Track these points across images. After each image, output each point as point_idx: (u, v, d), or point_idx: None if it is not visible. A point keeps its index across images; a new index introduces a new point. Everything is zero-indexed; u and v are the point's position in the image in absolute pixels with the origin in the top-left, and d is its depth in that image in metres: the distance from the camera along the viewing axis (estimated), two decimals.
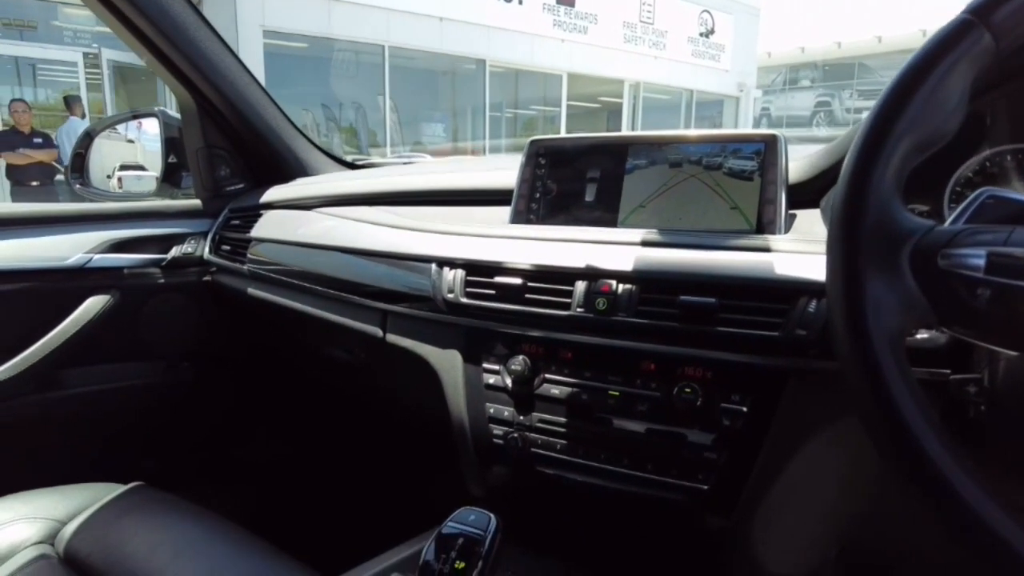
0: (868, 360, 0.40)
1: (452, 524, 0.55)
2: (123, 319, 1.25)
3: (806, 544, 0.78)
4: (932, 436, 0.39)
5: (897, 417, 0.39)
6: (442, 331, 0.91)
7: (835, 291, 0.42)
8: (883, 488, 0.73)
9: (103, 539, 0.93)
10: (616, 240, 0.80)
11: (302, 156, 1.43)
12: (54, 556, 0.92)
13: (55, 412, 1.20)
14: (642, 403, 0.75)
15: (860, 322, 0.40)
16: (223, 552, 0.88)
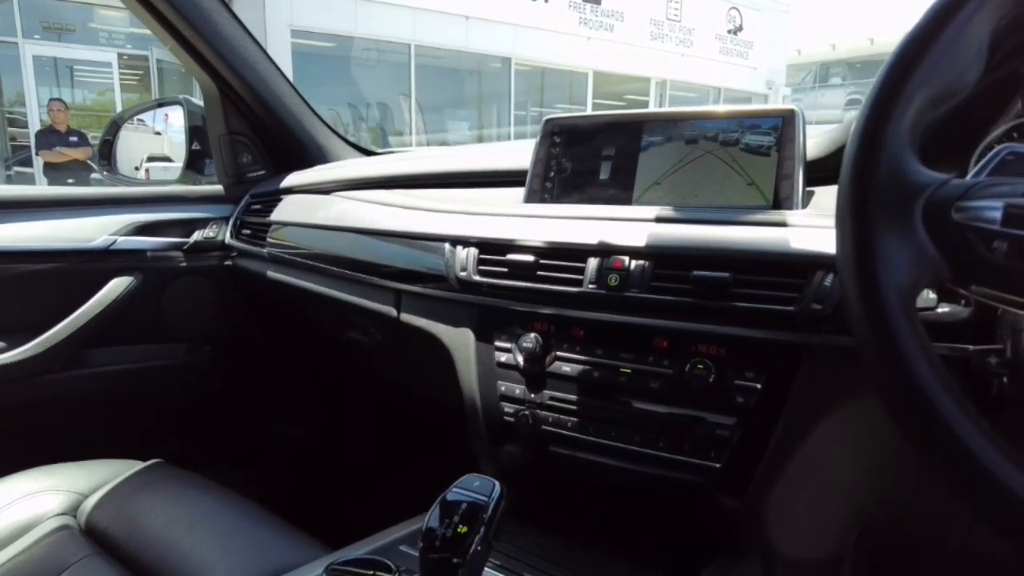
0: (877, 314, 0.39)
1: (456, 490, 0.55)
2: (146, 301, 1.28)
3: (823, 527, 0.76)
4: (944, 393, 0.37)
5: (907, 372, 0.38)
6: (455, 310, 0.91)
7: (844, 246, 0.41)
8: (902, 469, 0.71)
9: (122, 512, 0.94)
10: (629, 217, 0.79)
11: (322, 143, 1.44)
12: (75, 527, 0.94)
13: (79, 390, 1.22)
14: (654, 380, 0.74)
15: (869, 275, 0.39)
16: (236, 525, 0.89)
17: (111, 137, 1.51)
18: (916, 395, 0.38)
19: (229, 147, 1.41)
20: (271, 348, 1.47)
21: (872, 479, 0.73)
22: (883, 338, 0.39)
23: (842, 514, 0.76)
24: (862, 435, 0.69)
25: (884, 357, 0.39)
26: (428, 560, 0.52)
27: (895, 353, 0.39)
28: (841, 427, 0.68)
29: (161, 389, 1.34)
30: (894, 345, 0.39)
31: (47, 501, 0.97)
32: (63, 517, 0.96)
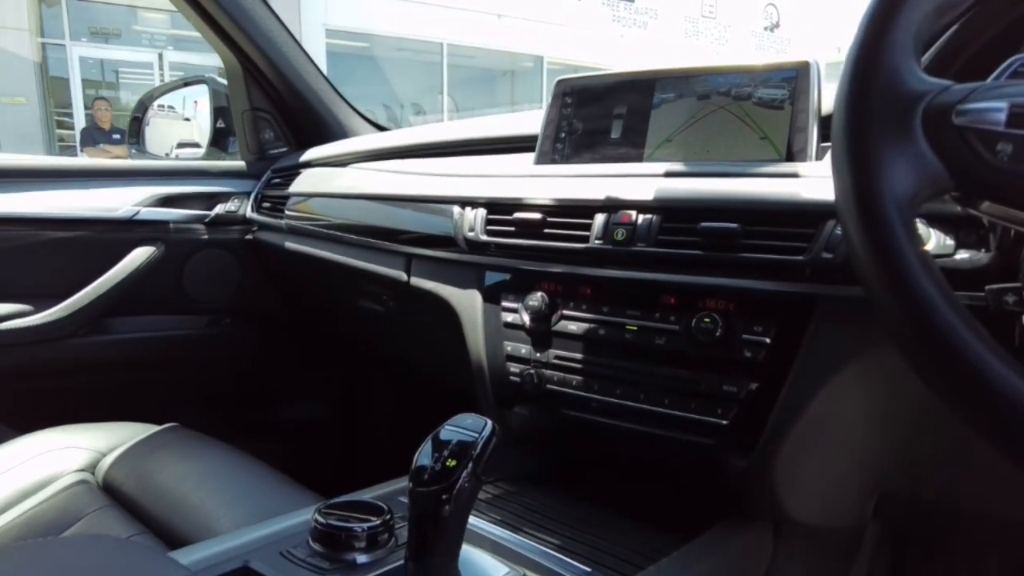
0: (874, 225, 0.37)
1: (448, 428, 0.54)
2: (167, 272, 1.30)
3: (837, 490, 0.73)
4: (944, 303, 0.35)
5: (905, 284, 0.36)
6: (463, 272, 0.90)
7: (839, 156, 0.39)
8: (919, 430, 0.69)
9: (137, 469, 0.96)
10: (638, 173, 0.78)
11: (343, 120, 1.45)
12: (93, 482, 0.97)
13: (101, 356, 1.25)
14: (660, 337, 0.73)
15: (866, 186, 0.37)
16: (244, 481, 0.90)
17: (140, 115, 1.54)
18: (915, 306, 0.36)
19: (251, 123, 1.43)
20: (291, 323, 1.49)
21: (887, 440, 0.70)
22: (880, 250, 0.37)
23: (857, 477, 0.73)
24: (875, 392, 0.67)
25: (881, 270, 0.37)
26: (417, 494, 0.52)
27: (893, 265, 0.37)
28: (852, 383, 0.65)
29: (181, 358, 1.37)
30: (892, 257, 0.37)
31: (68, 457, 1.00)
32: (82, 473, 0.99)
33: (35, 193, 1.21)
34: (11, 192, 1.19)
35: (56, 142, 9.05)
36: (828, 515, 0.75)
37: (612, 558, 0.63)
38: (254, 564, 0.54)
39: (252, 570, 0.54)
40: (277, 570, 0.53)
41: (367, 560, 0.56)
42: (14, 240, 1.17)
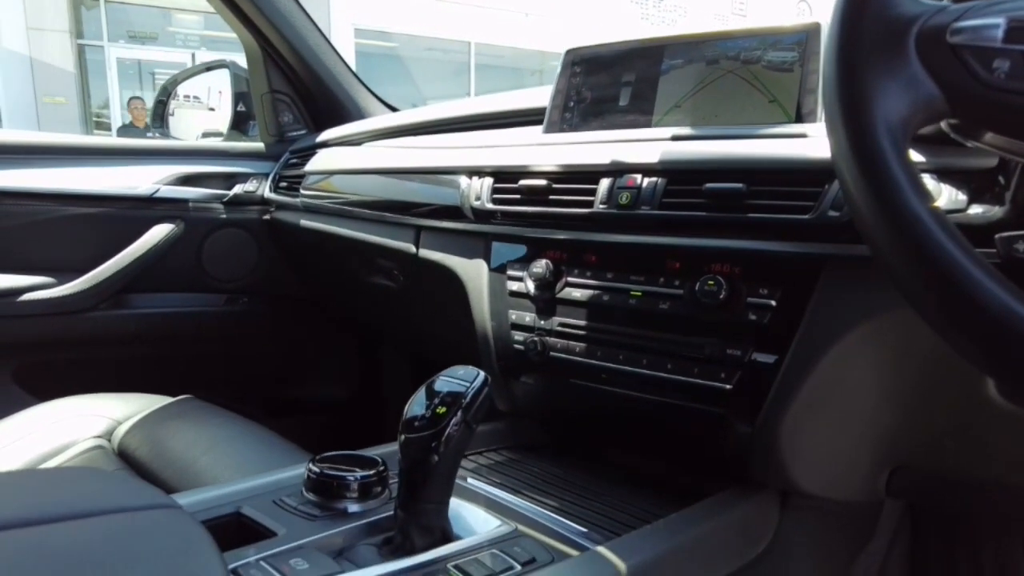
0: (864, 151, 0.36)
1: (441, 378, 0.54)
2: (187, 249, 1.32)
3: (845, 460, 0.71)
4: (937, 226, 0.34)
5: (898, 208, 0.35)
6: (470, 242, 0.90)
7: (828, 83, 0.38)
8: (931, 398, 0.66)
9: (150, 437, 0.98)
10: (644, 138, 0.77)
11: (360, 102, 1.46)
12: (109, 448, 0.99)
13: (121, 329, 1.28)
14: (664, 301, 0.71)
15: (855, 111, 0.36)
16: (254, 447, 0.91)
17: (164, 99, 1.57)
18: (907, 231, 0.34)
19: (271, 106, 1.45)
20: (307, 303, 1.50)
21: (898, 409, 0.68)
22: (871, 176, 0.36)
23: (867, 447, 0.71)
24: (883, 358, 0.65)
25: (872, 197, 0.36)
26: (407, 441, 0.52)
27: (884, 192, 0.35)
28: (859, 348, 0.63)
29: (198, 335, 1.39)
30: (883, 183, 0.35)
31: (86, 424, 1.02)
32: (99, 439, 1.01)
33: (60, 169, 1.24)
34: (37, 168, 1.22)
35: None
36: (837, 487, 0.73)
37: (609, 520, 0.63)
38: (246, 510, 0.55)
39: (244, 515, 0.55)
40: (268, 516, 0.54)
41: (359, 509, 0.56)
42: (39, 214, 1.20)
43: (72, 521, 0.36)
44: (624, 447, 0.84)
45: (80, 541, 0.34)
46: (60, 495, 0.39)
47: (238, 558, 0.46)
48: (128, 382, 1.12)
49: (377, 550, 0.52)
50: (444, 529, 0.53)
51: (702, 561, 0.59)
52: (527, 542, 0.54)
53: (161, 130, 1.58)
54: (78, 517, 0.36)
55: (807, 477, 0.70)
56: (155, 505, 0.40)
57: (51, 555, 0.32)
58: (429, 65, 10.72)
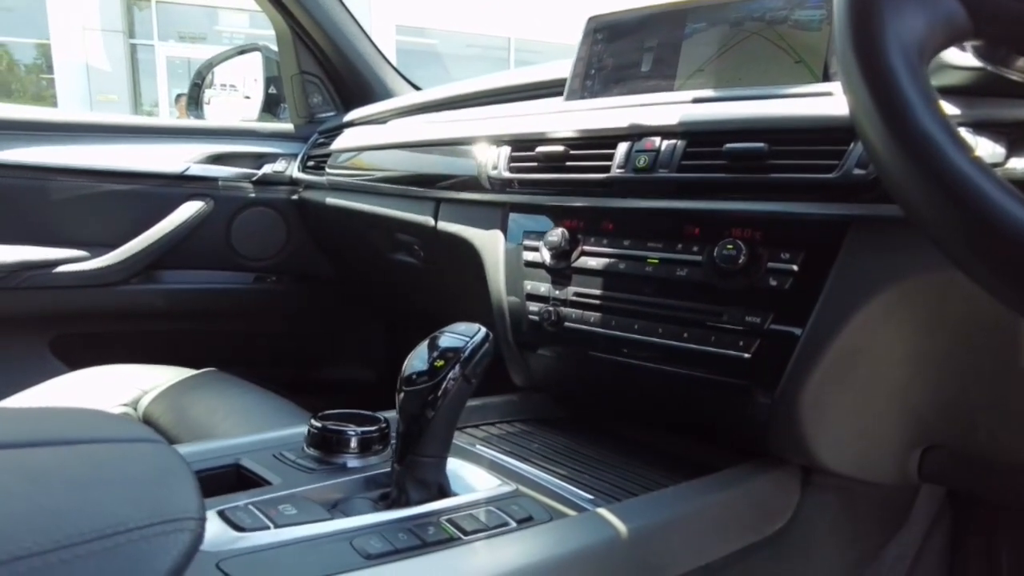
0: (876, 70, 0.33)
1: (442, 333, 0.53)
2: (216, 227, 1.35)
3: (872, 436, 0.68)
4: (953, 145, 0.31)
5: (915, 132, 0.32)
6: (487, 212, 0.89)
7: (839, 6, 0.35)
8: (965, 371, 0.62)
9: (173, 406, 1.00)
10: (664, 101, 0.75)
11: (389, 83, 1.47)
12: (135, 416, 1.01)
13: (150, 304, 1.31)
14: (681, 268, 0.69)
15: (867, 27, 0.33)
16: (271, 416, 0.91)
17: (199, 82, 1.60)
18: (924, 153, 0.32)
19: (300, 87, 1.46)
20: (334, 283, 1.51)
21: (929, 383, 0.64)
22: (882, 100, 0.33)
23: (896, 423, 0.67)
24: (911, 326, 0.61)
25: (885, 121, 0.33)
26: (405, 395, 0.51)
27: (897, 114, 0.33)
28: (885, 315, 0.60)
29: (226, 312, 1.41)
30: (895, 105, 0.33)
31: (113, 393, 1.05)
32: (125, 407, 1.03)
33: (94, 146, 1.27)
34: (71, 144, 1.25)
35: None
36: (864, 466, 0.70)
37: (617, 488, 0.61)
38: (245, 461, 0.55)
39: (243, 467, 0.54)
40: (267, 468, 0.53)
41: (358, 464, 0.56)
42: (74, 190, 1.24)
43: (55, 446, 0.36)
44: (641, 422, 0.82)
45: (56, 462, 0.34)
46: (51, 425, 0.39)
47: (228, 502, 0.45)
48: (156, 355, 1.15)
49: (372, 504, 0.51)
50: (441, 485, 0.52)
51: (710, 532, 0.57)
52: (526, 501, 0.52)
53: (196, 113, 1.62)
54: (62, 443, 0.36)
55: (830, 453, 0.66)
56: (142, 439, 0.40)
57: (23, 473, 0.32)
58: (469, 62, 10.76)
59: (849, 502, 0.73)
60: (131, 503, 0.32)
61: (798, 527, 0.65)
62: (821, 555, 0.69)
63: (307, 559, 0.40)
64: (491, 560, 0.42)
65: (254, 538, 0.41)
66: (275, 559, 0.40)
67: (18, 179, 1.20)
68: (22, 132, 1.22)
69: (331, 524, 0.45)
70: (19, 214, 1.20)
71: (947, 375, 0.63)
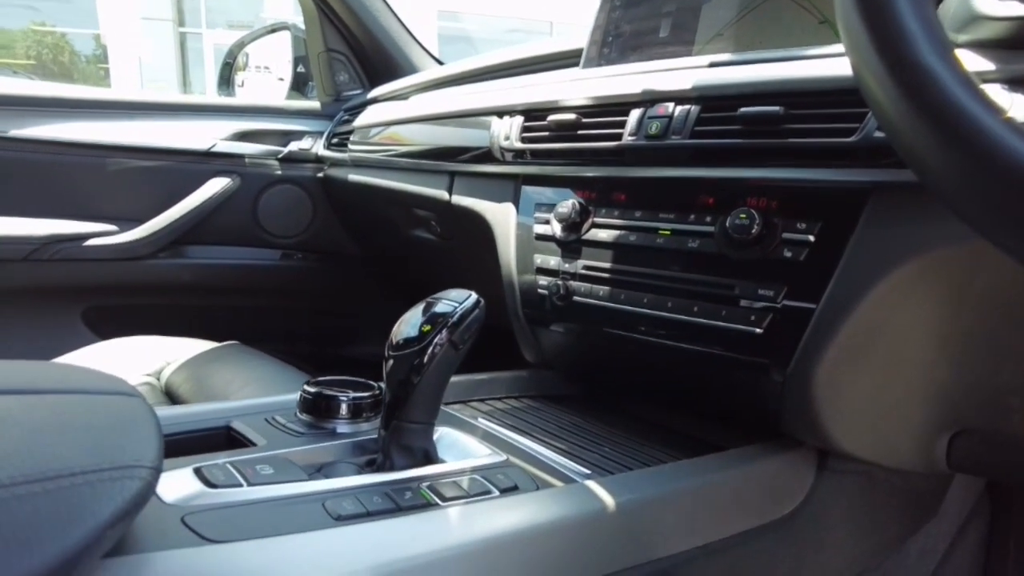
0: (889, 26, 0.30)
1: (433, 300, 0.52)
2: (242, 204, 1.36)
3: (893, 418, 0.64)
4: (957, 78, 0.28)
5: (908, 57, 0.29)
6: (499, 185, 0.88)
7: None
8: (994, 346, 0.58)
9: (193, 376, 1.01)
10: (679, 67, 0.71)
11: (414, 60, 1.46)
12: (157, 386, 1.03)
13: (176, 278, 1.34)
14: (693, 239, 0.66)
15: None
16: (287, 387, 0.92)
17: (231, 61, 1.62)
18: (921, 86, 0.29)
19: (327, 65, 1.46)
20: (359, 262, 1.52)
21: (956, 364, 0.60)
22: (879, 29, 0.30)
23: (919, 405, 0.63)
24: (935, 302, 0.57)
25: (880, 53, 0.30)
26: (391, 359, 0.50)
27: (895, 46, 0.30)
28: (907, 289, 0.56)
29: (251, 288, 1.43)
30: (893, 36, 0.30)
31: (138, 363, 1.07)
32: (148, 377, 1.06)
33: (124, 123, 1.29)
34: (102, 121, 1.28)
35: None
36: (885, 451, 0.66)
37: (615, 464, 0.58)
38: (236, 424, 0.54)
39: (233, 429, 0.54)
40: (256, 431, 0.53)
41: (348, 430, 0.55)
42: (104, 165, 1.27)
43: (25, 395, 0.36)
44: (654, 401, 0.79)
45: (20, 408, 0.33)
46: (30, 376, 0.39)
47: (207, 460, 0.45)
48: (182, 327, 1.17)
49: (357, 469, 0.50)
50: (427, 452, 0.51)
51: (709, 511, 0.54)
52: (514, 471, 0.50)
53: (227, 92, 1.64)
54: (32, 392, 0.36)
55: (847, 435, 0.63)
56: (117, 392, 0.39)
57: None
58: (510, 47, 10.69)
59: (868, 488, 0.69)
60: (84, 449, 0.31)
61: (809, 512, 0.62)
62: (834, 543, 0.66)
63: (274, 517, 0.39)
64: (462, 526, 0.41)
65: (225, 495, 0.41)
66: (242, 516, 0.39)
67: (50, 155, 1.23)
68: (55, 109, 1.26)
69: (306, 485, 0.44)
70: (51, 188, 1.24)
71: (975, 354, 0.59)
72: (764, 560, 0.58)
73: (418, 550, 0.38)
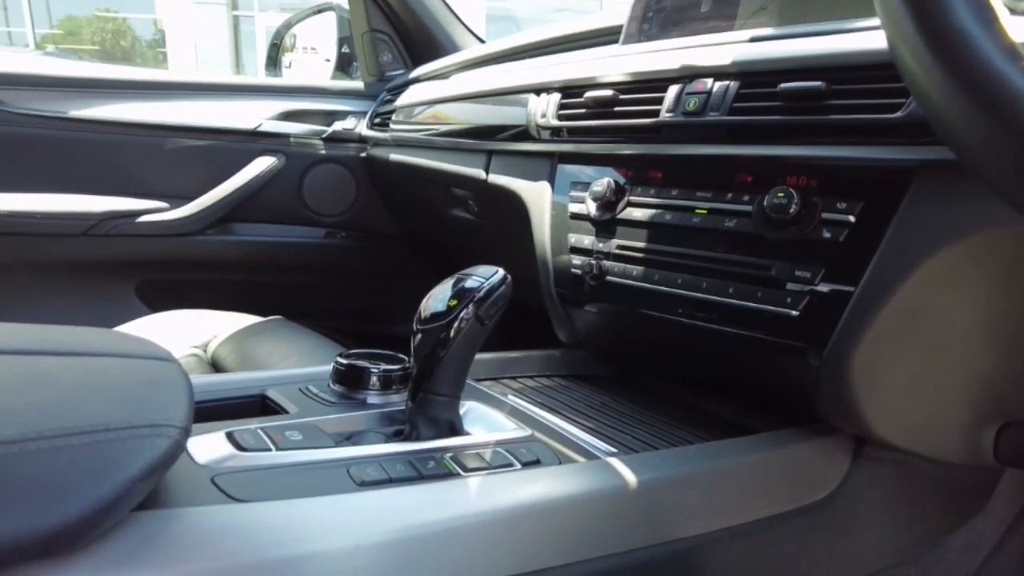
0: None
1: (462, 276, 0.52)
2: (288, 182, 1.39)
3: (936, 408, 0.62)
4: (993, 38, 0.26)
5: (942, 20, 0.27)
6: (535, 163, 0.87)
7: None
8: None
9: (238, 348, 1.05)
10: (719, 42, 0.69)
11: (457, 39, 1.46)
12: (204, 358, 1.07)
13: (225, 253, 1.38)
14: (730, 219, 0.65)
15: None
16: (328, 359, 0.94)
17: (277, 42, 1.65)
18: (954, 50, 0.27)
19: (371, 45, 1.47)
20: (401, 242, 1.54)
21: (1002, 346, 0.58)
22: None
23: (964, 392, 0.61)
24: (982, 287, 0.55)
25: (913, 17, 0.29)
26: (419, 333, 0.51)
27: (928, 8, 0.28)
28: (952, 273, 0.54)
29: (296, 265, 1.47)
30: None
31: (187, 335, 1.11)
32: (196, 349, 1.10)
33: (174, 103, 1.34)
34: (155, 101, 1.33)
35: None
36: (926, 441, 0.64)
37: (641, 443, 0.58)
38: (270, 393, 0.56)
39: (268, 397, 0.56)
40: (289, 400, 0.55)
41: (378, 401, 0.56)
42: (155, 145, 1.31)
43: (67, 356, 0.37)
44: (685, 383, 0.78)
45: (62, 368, 0.35)
46: (76, 340, 0.41)
47: (240, 425, 0.47)
48: (229, 302, 1.21)
49: (385, 438, 0.51)
50: (453, 424, 0.52)
51: (735, 494, 0.53)
52: (538, 446, 0.51)
53: (274, 73, 1.67)
54: (74, 354, 0.38)
55: (885, 423, 0.61)
56: (155, 356, 0.41)
57: (29, 375, 0.34)
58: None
59: (907, 479, 0.67)
60: (117, 408, 0.33)
61: (842, 499, 0.61)
62: (868, 532, 0.64)
63: (299, 481, 0.41)
64: (481, 496, 0.41)
65: (253, 458, 0.42)
66: (268, 478, 0.41)
67: (107, 134, 1.28)
68: (111, 90, 1.31)
69: (332, 451, 0.45)
70: (108, 166, 1.29)
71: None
72: (792, 546, 0.57)
73: (437, 517, 0.39)
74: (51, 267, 1.29)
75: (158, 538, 0.32)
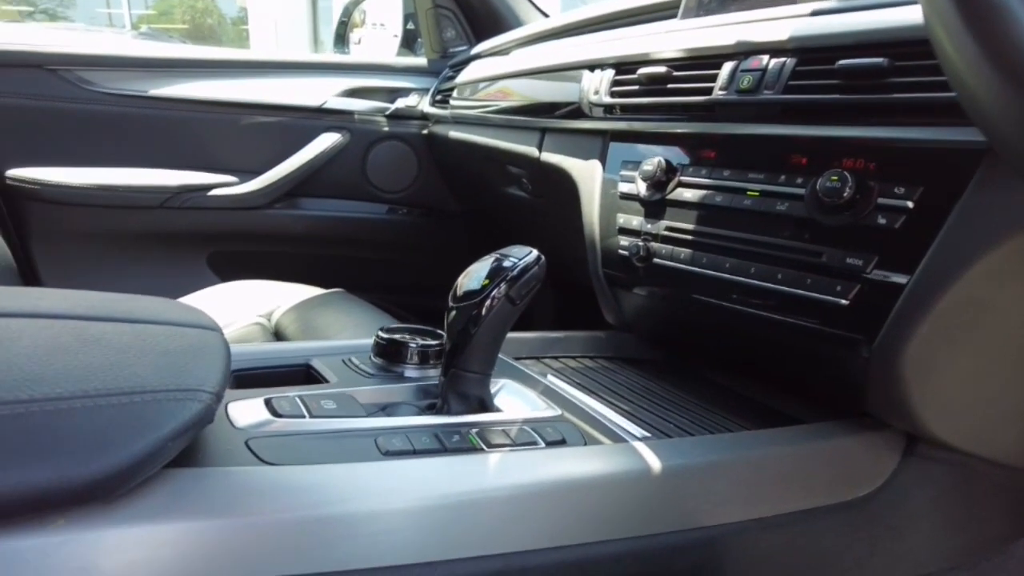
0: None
1: (497, 255, 0.53)
2: (352, 159, 1.43)
3: (994, 407, 0.58)
4: None
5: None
6: (587, 141, 0.86)
7: None
8: None
9: (300, 318, 1.09)
10: (779, 16, 0.66)
11: (520, 13, 1.44)
12: (268, 326, 1.12)
13: (291, 227, 1.43)
14: (782, 202, 0.62)
15: None
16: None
17: (346, 19, 1.68)
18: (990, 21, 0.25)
19: (434, 20, 1.48)
20: (461, 219, 1.55)
21: None
22: None
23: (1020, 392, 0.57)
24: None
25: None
26: (452, 310, 0.52)
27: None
28: (1017, 264, 0.50)
29: (359, 240, 1.51)
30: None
31: (253, 304, 1.17)
32: (261, 318, 1.15)
33: (243, 81, 1.39)
34: (227, 79, 1.38)
35: None
36: (983, 440, 0.60)
37: (676, 428, 0.57)
38: (314, 363, 0.59)
39: (312, 367, 0.58)
40: (331, 370, 0.57)
41: (415, 375, 0.58)
42: (225, 122, 1.37)
43: (119, 323, 0.40)
44: (731, 369, 0.77)
45: (114, 333, 0.38)
46: (128, 307, 0.44)
47: (280, 392, 0.49)
48: (293, 273, 1.26)
49: (418, 411, 0.53)
50: (483, 400, 0.52)
51: (769, 484, 0.52)
52: (565, 426, 0.51)
53: (342, 50, 1.70)
54: (127, 321, 0.41)
55: (939, 421, 0.58)
56: (199, 325, 0.44)
57: (85, 338, 0.37)
58: None
59: (964, 481, 0.63)
60: (157, 371, 0.35)
61: (888, 497, 0.59)
62: (916, 533, 0.61)
63: (328, 447, 0.42)
64: (500, 472, 0.42)
65: (287, 424, 0.45)
66: (299, 443, 0.43)
67: (181, 111, 1.35)
68: (186, 69, 1.37)
69: (363, 421, 0.47)
70: (182, 142, 1.36)
71: None
72: (829, 541, 0.56)
73: (455, 489, 0.40)
74: (129, 237, 1.37)
75: (189, 493, 0.35)
